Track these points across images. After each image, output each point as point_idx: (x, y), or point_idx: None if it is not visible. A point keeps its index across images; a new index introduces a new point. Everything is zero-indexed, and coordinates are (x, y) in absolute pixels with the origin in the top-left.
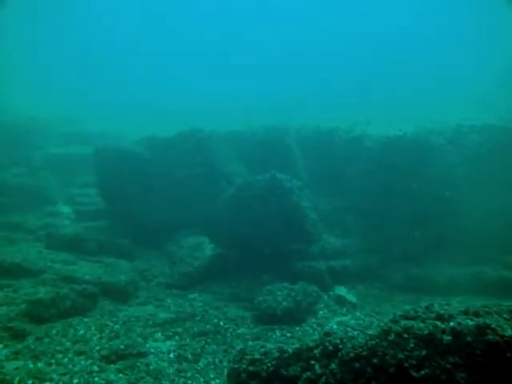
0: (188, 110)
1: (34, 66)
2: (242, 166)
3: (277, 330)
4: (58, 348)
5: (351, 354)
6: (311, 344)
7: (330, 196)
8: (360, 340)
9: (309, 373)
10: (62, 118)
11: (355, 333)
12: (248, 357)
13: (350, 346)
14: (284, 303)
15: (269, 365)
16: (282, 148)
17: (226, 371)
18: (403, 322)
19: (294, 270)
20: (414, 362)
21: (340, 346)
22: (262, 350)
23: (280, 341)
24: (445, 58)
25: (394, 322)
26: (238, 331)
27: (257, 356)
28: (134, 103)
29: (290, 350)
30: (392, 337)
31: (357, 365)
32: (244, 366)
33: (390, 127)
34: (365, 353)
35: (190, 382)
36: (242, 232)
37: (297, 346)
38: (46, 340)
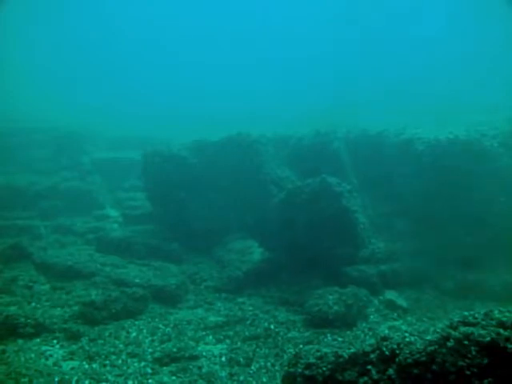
0: (228, 115)
1: (62, 78)
2: (290, 170)
3: (328, 334)
4: (111, 350)
5: (409, 360)
6: (367, 348)
7: (380, 200)
8: (418, 346)
9: (365, 378)
10: (103, 124)
11: (412, 338)
12: (303, 361)
13: (407, 351)
14: (335, 307)
15: (324, 369)
16: (330, 152)
17: (278, 375)
18: (462, 329)
19: (343, 274)
20: (475, 370)
21: (397, 352)
22: (318, 354)
23: (332, 345)
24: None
25: (453, 328)
26: (289, 335)
27: (312, 360)
28: (176, 109)
29: (346, 355)
30: (452, 343)
31: (415, 371)
32: (299, 370)
33: (439, 130)
34: (423, 359)
35: None
36: (291, 236)
37: (353, 350)
38: (100, 341)
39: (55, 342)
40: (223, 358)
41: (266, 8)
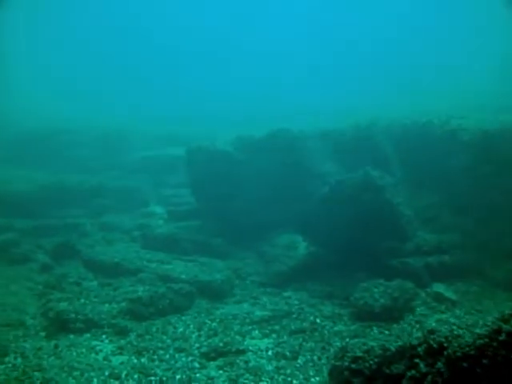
0: (266, 110)
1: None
2: (332, 164)
3: (374, 328)
4: (159, 345)
5: (458, 353)
6: (414, 342)
7: (425, 192)
8: (467, 339)
9: (413, 371)
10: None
11: (461, 331)
12: (350, 354)
13: (456, 344)
14: (381, 300)
15: (371, 363)
16: (372, 145)
17: (325, 368)
18: None
19: (388, 267)
20: None
21: (445, 345)
22: (364, 347)
23: (379, 338)
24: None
25: (504, 320)
26: (335, 328)
27: (359, 354)
28: (214, 105)
29: (393, 348)
30: (503, 337)
31: (465, 364)
32: (346, 364)
33: (485, 120)
34: (473, 352)
35: (289, 379)
36: (335, 230)
37: (399, 343)
38: (147, 337)
39: (104, 337)
40: (269, 352)
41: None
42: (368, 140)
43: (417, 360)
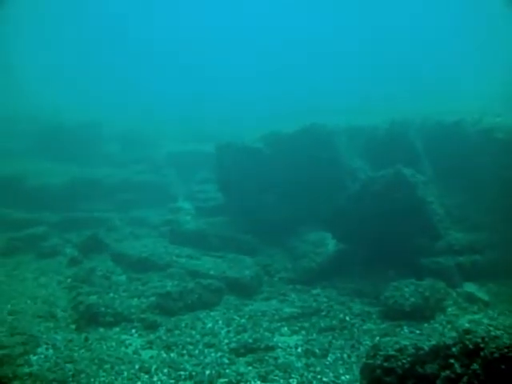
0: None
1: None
2: (364, 161)
3: (405, 327)
4: (188, 340)
5: (496, 355)
6: (449, 341)
7: (457, 190)
8: (505, 340)
9: (448, 371)
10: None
11: (498, 332)
12: (382, 353)
13: (493, 346)
14: (412, 299)
15: (404, 361)
16: (405, 142)
17: (355, 367)
18: None
19: (419, 266)
20: None
21: (482, 346)
22: (397, 346)
23: (410, 337)
24: None
25: None
26: (365, 327)
27: (391, 352)
28: (241, 101)
29: (426, 347)
30: None
31: (503, 366)
32: (378, 362)
33: None
34: (511, 354)
35: (319, 376)
36: (365, 228)
37: (433, 343)
38: (177, 332)
39: (133, 331)
40: (299, 349)
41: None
42: (400, 137)
43: (452, 360)
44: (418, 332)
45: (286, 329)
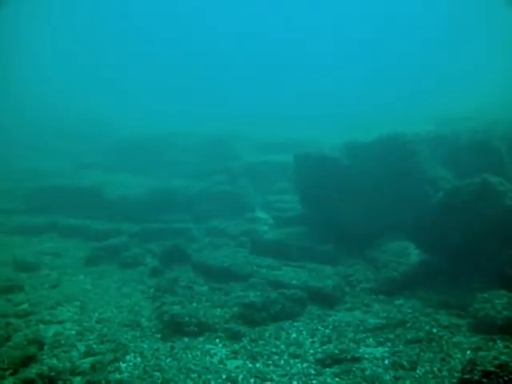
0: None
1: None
2: (446, 170)
3: (498, 341)
4: (273, 350)
5: None
6: None
7: None
8: None
9: None
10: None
11: None
12: (480, 368)
13: None
14: (504, 312)
15: (506, 379)
16: (490, 150)
17: (446, 381)
18: None
19: (509, 278)
20: None
21: None
22: (496, 362)
23: (505, 352)
24: None
25: None
26: (454, 339)
27: (490, 368)
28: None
29: None
30: None
31: None
32: (476, 378)
33: None
34: None
35: None
36: (450, 238)
37: None
38: (261, 342)
39: (218, 341)
40: (386, 361)
41: None
42: (486, 145)
43: None
44: None
45: (371, 340)
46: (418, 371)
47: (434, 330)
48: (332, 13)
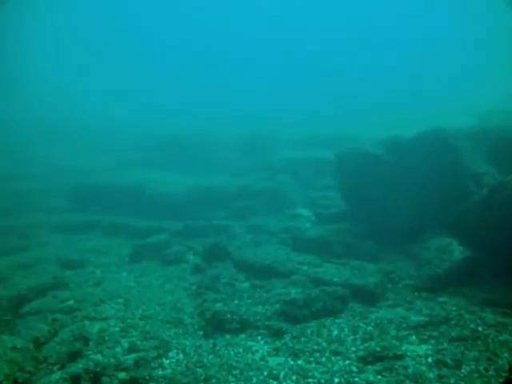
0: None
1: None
2: (490, 165)
3: None
4: (314, 347)
5: None
6: None
7: None
8: None
9: None
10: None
11: None
12: None
13: None
14: None
15: None
16: None
17: (493, 381)
18: None
19: None
20: None
21: None
22: None
23: None
24: None
25: None
26: (501, 338)
27: None
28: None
29: None
30: None
31: None
32: None
33: None
34: None
35: None
36: (495, 235)
37: None
38: (303, 339)
39: (259, 338)
40: (429, 359)
41: None
42: None
43: None
44: None
45: (414, 337)
46: (462, 370)
47: (480, 329)
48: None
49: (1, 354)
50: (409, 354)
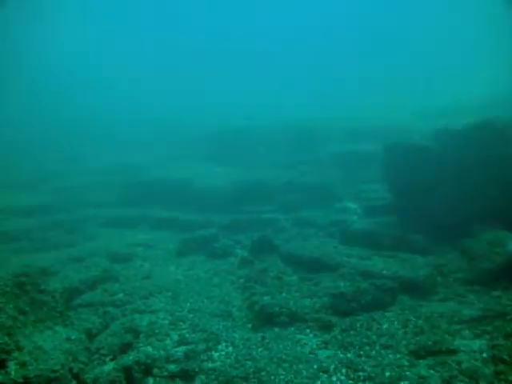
0: None
1: None
2: None
3: None
4: (364, 340)
5: None
6: None
7: None
8: None
9: None
10: (335, 117)
11: None
12: None
13: None
14: None
15: None
16: None
17: None
18: None
19: None
20: None
21: None
22: None
23: None
24: None
25: None
26: None
27: None
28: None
29: None
30: None
31: None
32: None
33: None
34: None
35: None
36: None
37: None
38: (352, 332)
39: (308, 331)
40: (484, 354)
41: None
42: None
43: None
44: None
45: (467, 332)
46: None
47: None
48: None
49: (56, 345)
50: (462, 348)
